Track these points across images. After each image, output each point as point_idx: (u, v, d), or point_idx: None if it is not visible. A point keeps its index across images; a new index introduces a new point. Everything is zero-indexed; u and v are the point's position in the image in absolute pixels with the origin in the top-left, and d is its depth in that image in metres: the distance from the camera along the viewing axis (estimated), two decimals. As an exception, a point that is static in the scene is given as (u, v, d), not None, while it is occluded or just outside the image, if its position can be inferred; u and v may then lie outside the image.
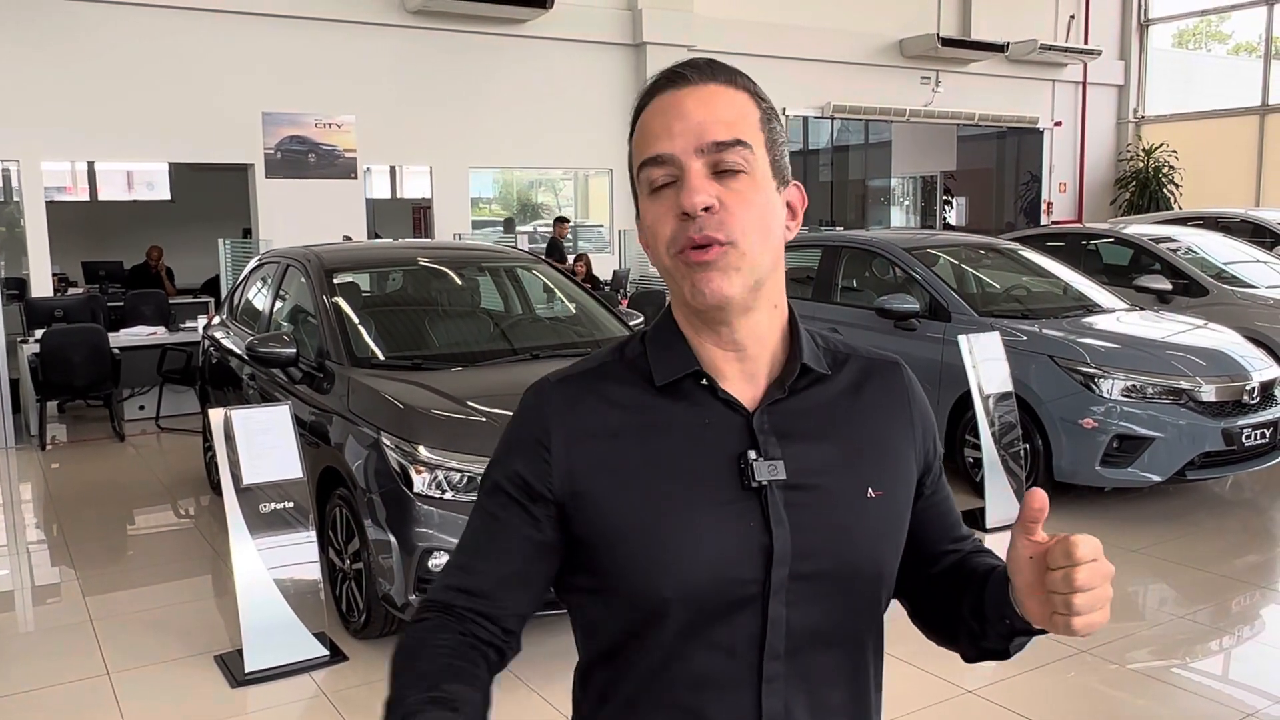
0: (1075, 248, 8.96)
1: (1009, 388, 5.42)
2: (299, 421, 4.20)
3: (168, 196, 15.95)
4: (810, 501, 1.08)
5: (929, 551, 1.24)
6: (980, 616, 1.14)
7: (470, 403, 4.06)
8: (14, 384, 8.04)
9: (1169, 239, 8.66)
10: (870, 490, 1.11)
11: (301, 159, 10.76)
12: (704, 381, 1.10)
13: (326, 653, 3.95)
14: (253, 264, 6.50)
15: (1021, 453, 5.49)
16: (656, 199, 1.06)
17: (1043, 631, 1.08)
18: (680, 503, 1.06)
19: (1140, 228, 9.35)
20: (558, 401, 1.13)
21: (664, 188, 1.05)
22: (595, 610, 1.13)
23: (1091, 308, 6.48)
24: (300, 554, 3.95)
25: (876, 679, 1.18)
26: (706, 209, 1.02)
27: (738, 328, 1.09)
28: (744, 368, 1.11)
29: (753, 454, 1.07)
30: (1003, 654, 1.16)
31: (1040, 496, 1.02)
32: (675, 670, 1.07)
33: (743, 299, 1.06)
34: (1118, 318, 6.32)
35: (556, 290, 5.84)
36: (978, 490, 5.64)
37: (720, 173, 1.03)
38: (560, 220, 12.89)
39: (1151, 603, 4.66)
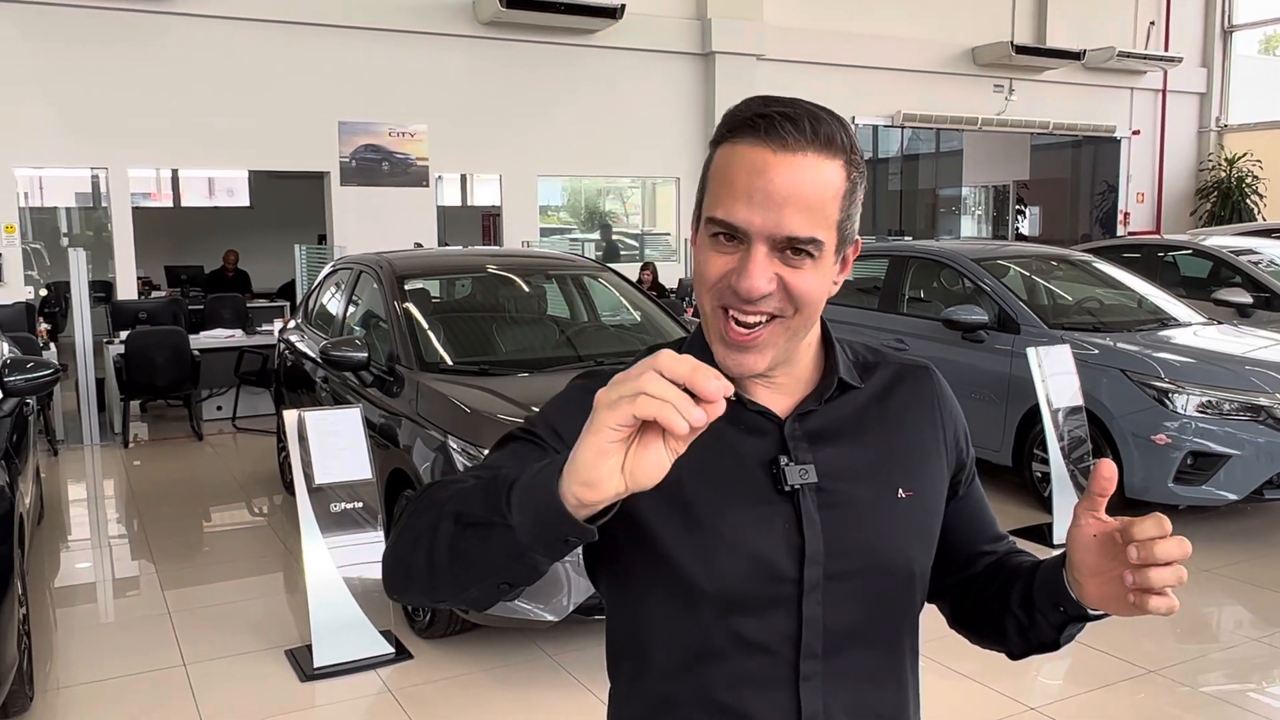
0: (1152, 260, 8.75)
1: (1079, 401, 5.33)
2: (369, 424, 4.30)
3: (247, 203, 16.41)
4: (842, 503, 1.10)
5: (966, 553, 1.26)
6: (1029, 607, 1.15)
7: (535, 408, 4.11)
8: (99, 383, 8.34)
9: (1250, 251, 8.42)
10: (901, 491, 1.14)
11: (375, 167, 10.99)
12: (733, 397, 1.12)
13: (392, 650, 4.04)
14: (327, 270, 6.66)
15: (1091, 468, 5.38)
16: (717, 248, 1.05)
17: (1098, 617, 1.10)
18: (718, 502, 1.09)
19: (1220, 239, 9.10)
20: None
21: (728, 243, 1.05)
22: (631, 603, 1.15)
23: (1167, 321, 6.34)
24: (369, 553, 4.05)
25: (914, 679, 1.20)
26: (763, 296, 1.03)
27: (766, 371, 1.11)
28: (774, 388, 1.14)
29: (784, 459, 1.10)
30: (1053, 645, 1.16)
31: (1109, 466, 1.03)
32: (713, 668, 1.10)
33: (769, 367, 1.08)
34: (1194, 332, 6.16)
35: (621, 298, 5.89)
36: (1045, 506, 5.56)
37: (787, 249, 1.03)
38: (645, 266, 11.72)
39: (1226, 624, 4.54)
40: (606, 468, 0.83)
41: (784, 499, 1.09)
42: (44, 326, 8.82)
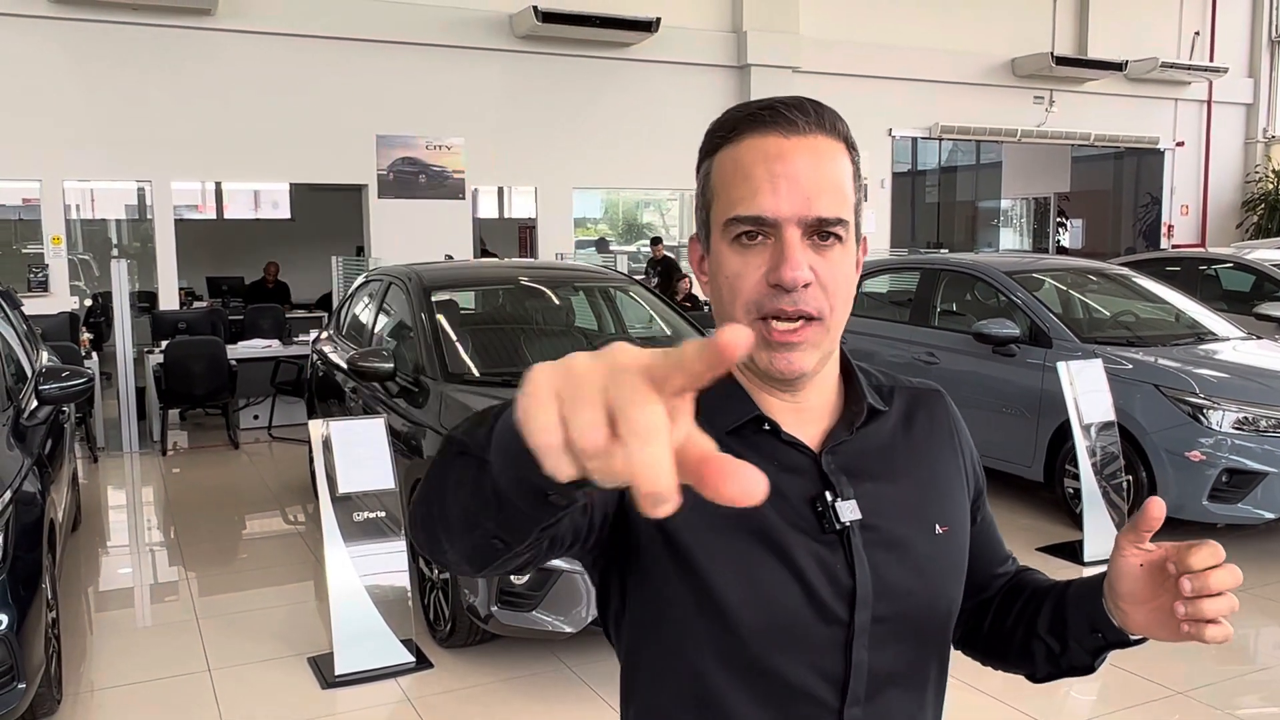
0: (1193, 273, 8.61)
1: (1111, 417, 5.25)
2: (394, 434, 4.35)
3: (288, 215, 16.65)
4: (885, 542, 1.06)
5: (981, 577, 1.23)
6: (1060, 634, 1.13)
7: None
8: (140, 392, 8.49)
9: (1295, 265, 8.26)
10: (938, 527, 1.10)
11: (412, 180, 11.11)
12: (766, 427, 1.06)
13: (413, 659, 4.07)
14: (359, 281, 6.74)
15: (1124, 485, 5.30)
16: (741, 251, 1.00)
17: (1139, 642, 1.09)
18: (766, 540, 1.02)
19: (1264, 252, 8.93)
20: None
21: (753, 241, 1.00)
22: (656, 652, 1.07)
23: (1204, 335, 6.23)
24: (391, 562, 4.09)
25: (936, 715, 1.17)
26: (805, 285, 0.98)
27: (803, 387, 1.07)
28: (801, 415, 1.08)
29: (829, 495, 1.04)
30: (1086, 669, 1.14)
31: (1159, 505, 1.02)
32: (750, 715, 1.03)
33: (816, 369, 1.04)
34: (1233, 346, 6.05)
35: (651, 311, 5.90)
36: (1077, 522, 5.47)
37: (815, 235, 1.00)
38: (655, 241, 13.05)
39: (1263, 645, 4.44)
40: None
41: (831, 536, 1.03)
42: (86, 336, 9.00)
